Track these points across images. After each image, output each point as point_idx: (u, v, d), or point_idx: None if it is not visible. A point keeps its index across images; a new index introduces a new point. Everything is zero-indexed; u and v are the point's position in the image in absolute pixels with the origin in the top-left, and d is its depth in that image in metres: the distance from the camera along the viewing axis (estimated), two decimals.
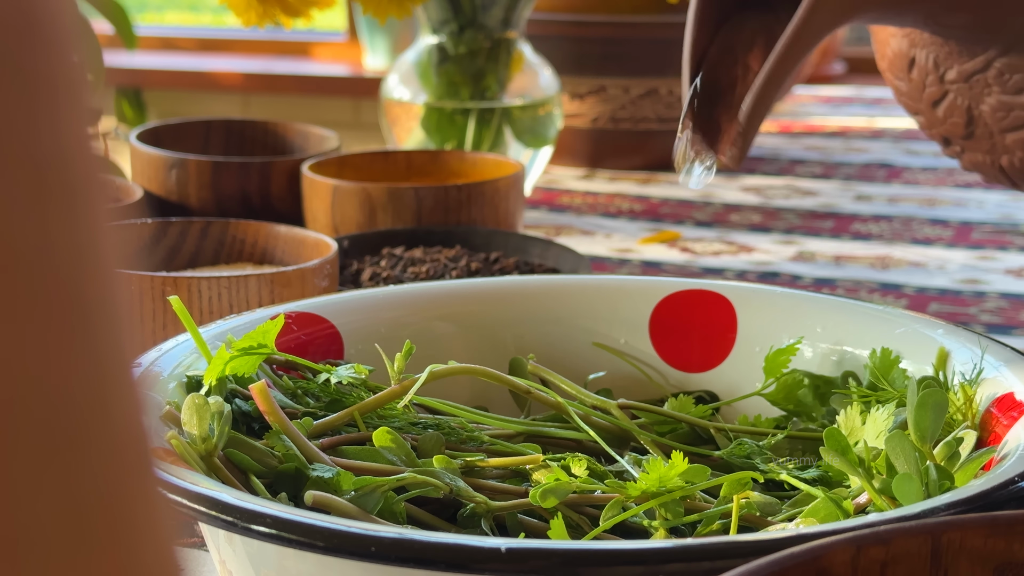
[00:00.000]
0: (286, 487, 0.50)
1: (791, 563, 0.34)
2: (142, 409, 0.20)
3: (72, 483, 0.18)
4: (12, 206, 0.17)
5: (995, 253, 1.06)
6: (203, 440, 0.50)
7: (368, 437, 0.54)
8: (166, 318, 0.70)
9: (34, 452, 0.17)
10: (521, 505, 0.52)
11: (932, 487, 0.48)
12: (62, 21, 0.18)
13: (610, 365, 0.65)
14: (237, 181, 0.96)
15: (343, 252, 0.85)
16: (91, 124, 0.19)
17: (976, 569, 0.36)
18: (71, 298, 0.18)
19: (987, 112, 0.64)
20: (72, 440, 0.18)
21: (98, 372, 0.18)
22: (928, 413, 0.51)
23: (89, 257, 0.18)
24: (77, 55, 0.19)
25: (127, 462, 0.19)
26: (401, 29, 2.72)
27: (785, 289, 0.66)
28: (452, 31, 1.13)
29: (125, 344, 0.19)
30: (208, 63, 3.05)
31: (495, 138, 1.14)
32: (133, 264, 0.76)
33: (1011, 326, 0.89)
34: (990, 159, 0.66)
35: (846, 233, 1.12)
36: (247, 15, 0.99)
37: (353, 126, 2.84)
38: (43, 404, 0.17)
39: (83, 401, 0.18)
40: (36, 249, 0.17)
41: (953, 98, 0.65)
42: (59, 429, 0.18)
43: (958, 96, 0.65)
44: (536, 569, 0.40)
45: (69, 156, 0.18)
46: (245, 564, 0.47)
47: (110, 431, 0.19)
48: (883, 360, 0.58)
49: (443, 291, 0.66)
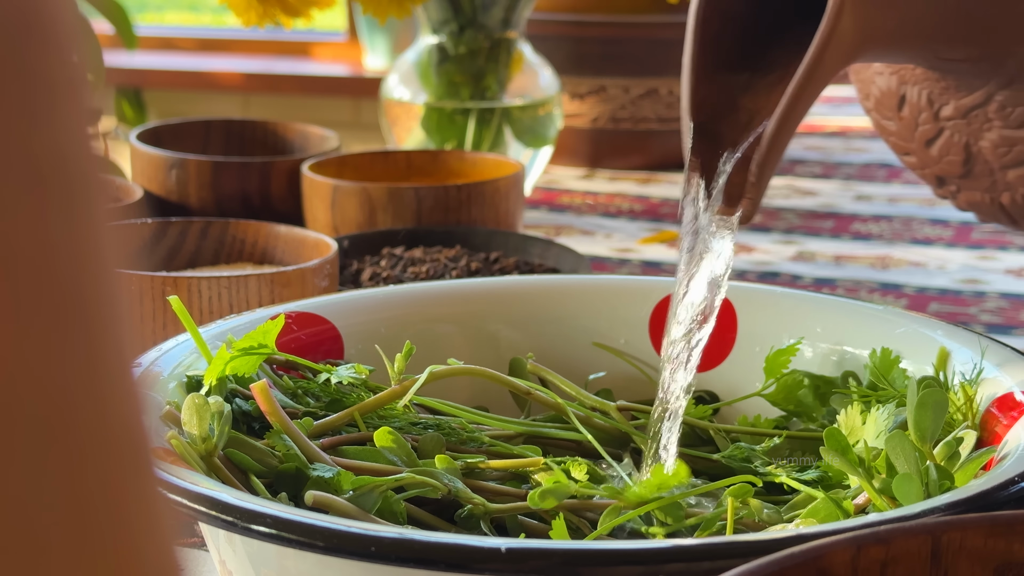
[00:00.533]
0: (286, 487, 0.50)
1: (791, 563, 0.34)
2: (142, 409, 0.20)
3: (72, 483, 0.18)
4: (12, 206, 0.17)
5: (995, 253, 1.06)
6: (203, 440, 0.50)
7: (369, 437, 0.54)
8: (166, 318, 0.70)
9: (34, 452, 0.17)
10: (520, 508, 0.52)
11: (932, 487, 0.48)
12: (62, 21, 0.18)
13: (610, 365, 0.65)
14: (237, 181, 0.96)
15: (343, 252, 0.85)
16: (91, 124, 0.19)
17: (976, 569, 0.36)
18: (71, 298, 0.18)
19: (987, 148, 0.63)
20: (72, 440, 0.18)
21: (98, 372, 0.18)
22: (928, 413, 0.51)
23: (89, 257, 0.18)
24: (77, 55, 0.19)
25: (127, 462, 0.19)
26: (401, 29, 2.72)
27: (785, 289, 0.66)
28: (452, 31, 1.13)
29: (125, 344, 0.19)
30: (208, 63, 3.05)
31: (495, 138, 1.14)
32: (133, 264, 0.76)
33: (1011, 326, 0.89)
34: (989, 197, 0.65)
35: (846, 233, 1.12)
36: (247, 15, 0.99)
37: (353, 126, 2.84)
38: (43, 404, 0.17)
39: (83, 401, 0.18)
40: (36, 249, 0.17)
41: (949, 135, 0.64)
42: (59, 429, 0.18)
43: (955, 133, 0.64)
44: (536, 569, 0.40)
45: (69, 156, 0.18)
46: (245, 564, 0.47)
47: (110, 431, 0.19)
48: (883, 360, 0.58)
49: (443, 291, 0.67)
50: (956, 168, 0.65)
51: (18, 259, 0.17)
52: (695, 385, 0.56)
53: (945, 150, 0.65)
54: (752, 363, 0.64)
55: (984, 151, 0.63)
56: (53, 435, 0.18)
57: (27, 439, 0.17)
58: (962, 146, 0.64)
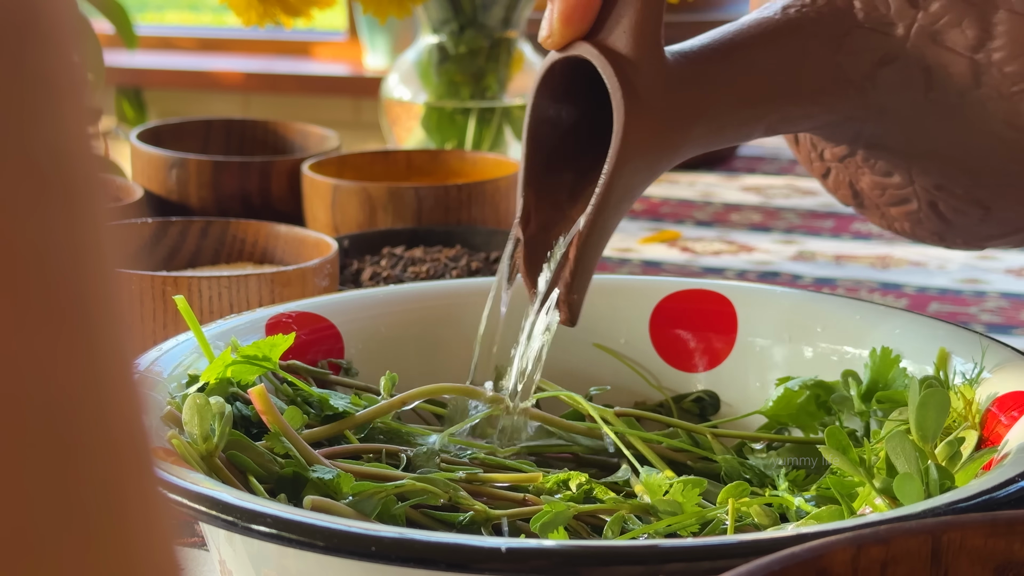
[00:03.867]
0: (286, 490, 0.50)
1: (791, 563, 0.34)
2: (142, 409, 0.20)
3: (72, 483, 0.18)
4: (12, 205, 0.17)
5: (995, 253, 1.06)
6: (204, 440, 0.50)
7: (366, 449, 0.54)
8: (166, 318, 0.70)
9: (34, 452, 0.17)
10: (522, 513, 0.51)
11: (933, 487, 0.48)
12: (63, 20, 0.18)
13: (610, 365, 0.65)
14: (237, 181, 0.96)
15: (343, 252, 0.85)
16: (91, 123, 0.19)
17: (976, 569, 0.35)
18: (71, 298, 0.18)
19: (866, 189, 0.64)
20: (72, 440, 0.18)
21: (99, 372, 0.18)
22: (930, 413, 0.51)
23: (89, 256, 0.18)
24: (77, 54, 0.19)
25: (127, 462, 0.19)
26: (401, 29, 2.72)
27: (785, 289, 0.66)
28: (452, 30, 1.13)
29: (125, 344, 0.19)
30: (208, 63, 3.05)
31: (495, 137, 1.14)
32: (133, 264, 0.76)
33: (1011, 326, 0.89)
34: (886, 223, 0.66)
35: (846, 232, 1.12)
36: (247, 15, 0.99)
37: (353, 126, 2.84)
38: (43, 404, 0.17)
39: (83, 401, 0.18)
40: (36, 248, 0.17)
41: (836, 173, 0.65)
42: (59, 429, 0.18)
43: (839, 172, 0.65)
44: (536, 569, 0.40)
45: (69, 155, 0.18)
46: (245, 564, 0.47)
47: (110, 431, 0.19)
48: (883, 360, 0.58)
49: (443, 291, 0.66)
50: (849, 200, 0.66)
51: (18, 258, 0.17)
52: (695, 385, 0.57)
53: (836, 185, 0.66)
54: (752, 363, 0.64)
55: (865, 190, 0.64)
56: (53, 434, 0.18)
57: (27, 438, 0.17)
58: (847, 184, 0.65)
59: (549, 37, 0.54)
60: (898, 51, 0.57)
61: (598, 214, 0.53)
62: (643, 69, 0.53)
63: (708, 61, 0.55)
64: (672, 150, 0.54)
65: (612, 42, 0.53)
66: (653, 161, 0.54)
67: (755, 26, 0.57)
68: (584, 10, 0.54)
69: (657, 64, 0.53)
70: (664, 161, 0.54)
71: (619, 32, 0.53)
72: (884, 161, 0.62)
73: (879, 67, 0.57)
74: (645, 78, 0.53)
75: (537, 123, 0.56)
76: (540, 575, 0.40)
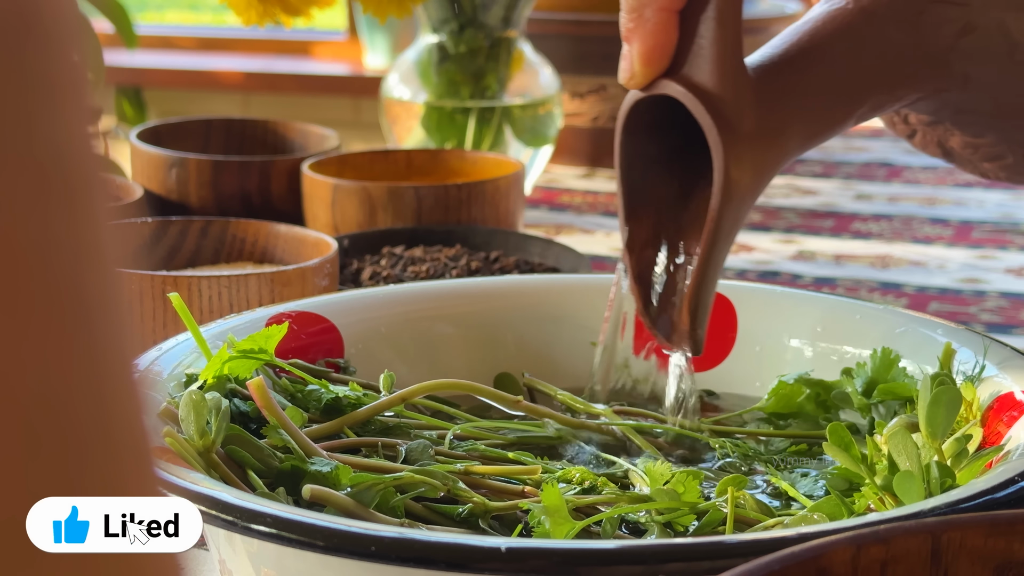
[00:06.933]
0: (284, 483, 0.50)
1: (791, 562, 0.34)
2: (142, 408, 0.20)
3: (73, 483, 0.18)
4: (13, 204, 0.17)
5: (995, 252, 1.06)
6: (201, 436, 0.50)
7: (365, 443, 0.54)
8: (166, 317, 0.70)
9: (34, 452, 0.17)
10: (519, 506, 0.51)
11: (933, 485, 0.48)
12: (63, 20, 0.18)
13: None
14: (237, 180, 0.96)
15: (343, 251, 0.85)
16: (91, 123, 0.19)
17: (976, 568, 0.35)
18: (71, 297, 0.18)
19: (957, 147, 0.64)
20: (72, 439, 0.18)
21: (99, 371, 0.18)
22: (941, 410, 0.51)
23: (89, 256, 0.18)
24: (77, 54, 0.19)
25: (127, 462, 0.19)
26: (401, 28, 2.72)
27: (785, 288, 0.66)
28: (452, 30, 1.13)
29: (125, 343, 0.19)
30: (208, 62, 3.05)
31: (495, 137, 1.14)
32: (133, 263, 0.76)
33: (1011, 325, 0.89)
34: (979, 173, 0.66)
35: (846, 232, 1.12)
36: (247, 14, 0.99)
37: (353, 125, 2.84)
38: (43, 403, 0.17)
39: (84, 399, 0.18)
40: (37, 248, 0.17)
41: (922, 135, 0.65)
42: (60, 427, 0.18)
43: (927, 133, 0.65)
44: (536, 569, 0.40)
45: (70, 155, 0.18)
46: (245, 563, 0.47)
47: (111, 429, 0.19)
48: (883, 360, 0.58)
49: (443, 290, 0.66)
50: (938, 155, 0.66)
51: (19, 257, 0.17)
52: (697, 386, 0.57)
53: (923, 144, 0.66)
54: (752, 362, 0.64)
55: (956, 149, 0.64)
56: (54, 433, 0.18)
57: (28, 437, 0.17)
58: (936, 143, 0.65)
59: (632, 78, 0.54)
60: (977, 20, 0.57)
61: (711, 250, 0.54)
62: (732, 101, 0.53)
63: (791, 70, 0.55)
64: (771, 169, 0.55)
65: (697, 77, 0.53)
66: (755, 186, 0.54)
67: (828, 22, 0.56)
68: (664, 48, 0.53)
69: (744, 91, 0.53)
70: (764, 181, 0.55)
71: (701, 64, 0.53)
72: (973, 123, 0.61)
73: (959, 38, 0.57)
74: (735, 108, 0.53)
75: (627, 159, 0.56)
76: (540, 575, 0.40)
